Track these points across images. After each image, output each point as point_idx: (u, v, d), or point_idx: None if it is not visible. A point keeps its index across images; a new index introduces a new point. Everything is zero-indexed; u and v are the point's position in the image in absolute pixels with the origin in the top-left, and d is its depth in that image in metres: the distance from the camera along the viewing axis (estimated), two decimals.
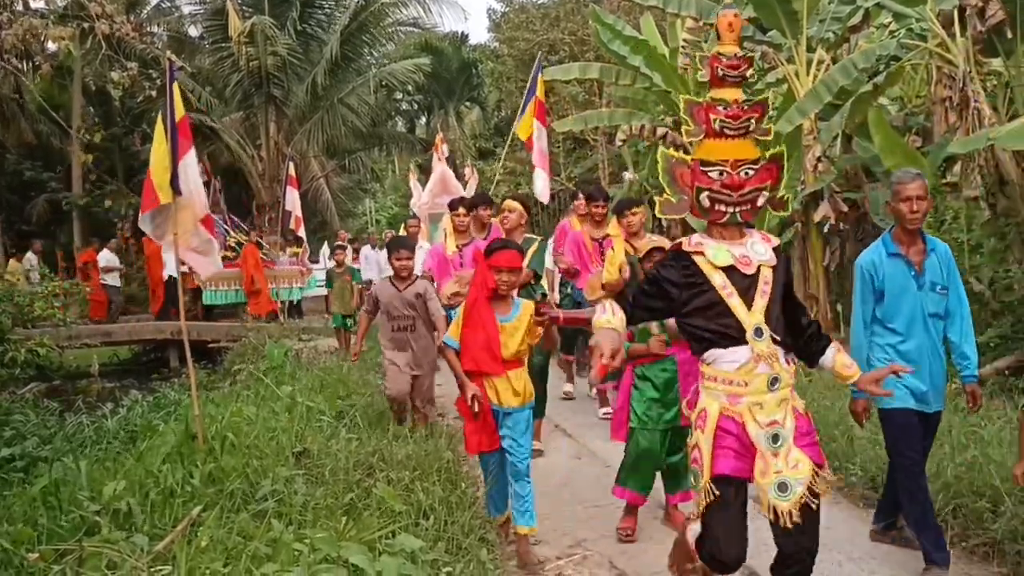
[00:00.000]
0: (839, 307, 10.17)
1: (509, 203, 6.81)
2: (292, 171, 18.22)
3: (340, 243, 15.80)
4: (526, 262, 5.57)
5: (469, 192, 14.42)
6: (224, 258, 17.77)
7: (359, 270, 14.53)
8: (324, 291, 15.78)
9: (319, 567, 2.97)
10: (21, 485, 6.15)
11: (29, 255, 20.25)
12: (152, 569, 3.17)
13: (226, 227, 19.40)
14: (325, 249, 19.75)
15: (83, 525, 4.02)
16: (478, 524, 4.57)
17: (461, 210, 7.39)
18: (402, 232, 13.96)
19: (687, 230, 10.50)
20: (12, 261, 19.92)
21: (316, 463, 5.09)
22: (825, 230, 9.85)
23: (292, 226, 18.16)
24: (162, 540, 3.60)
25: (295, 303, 18.53)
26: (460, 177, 16.59)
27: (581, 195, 8.49)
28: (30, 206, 24.54)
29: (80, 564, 3.33)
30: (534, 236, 6.82)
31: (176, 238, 5.66)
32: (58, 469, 5.46)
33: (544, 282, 6.86)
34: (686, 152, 3.39)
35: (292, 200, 17.85)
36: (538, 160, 10.08)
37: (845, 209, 9.85)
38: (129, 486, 4.48)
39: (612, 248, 6.56)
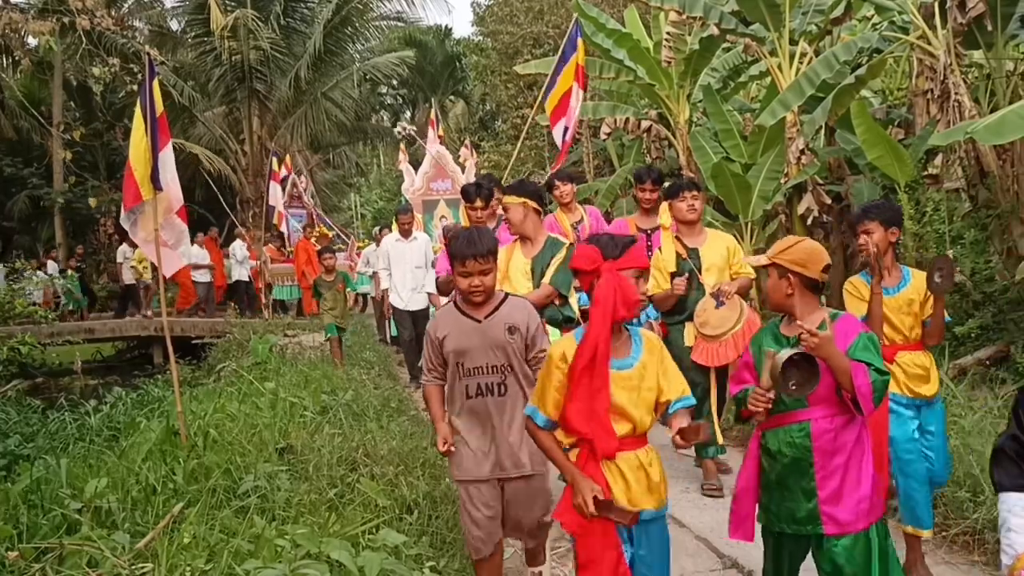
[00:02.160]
0: (823, 299, 10.20)
1: (507, 199, 5.17)
2: (275, 165, 18.16)
3: (328, 247, 13.71)
4: (549, 275, 4.76)
5: (468, 177, 13.56)
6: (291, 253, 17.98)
7: (346, 274, 12.91)
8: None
9: (301, 563, 2.96)
10: (2, 483, 6.12)
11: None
12: (133, 566, 3.15)
13: (312, 220, 19.49)
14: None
15: (64, 523, 4.00)
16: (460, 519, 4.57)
17: (478, 202, 5.72)
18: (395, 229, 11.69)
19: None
20: None
21: (299, 459, 5.07)
22: (809, 222, 9.87)
23: (275, 221, 18.10)
24: (144, 537, 3.58)
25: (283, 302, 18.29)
26: (457, 160, 15.37)
27: (558, 182, 6.90)
28: (11, 203, 24.36)
29: (60, 562, 3.31)
30: (559, 238, 5.20)
31: (157, 234, 5.62)
32: (40, 467, 5.43)
33: (572, 301, 5.04)
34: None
35: (275, 195, 17.79)
36: (569, 135, 8.66)
37: (828, 201, 9.88)
38: (111, 483, 4.46)
39: (660, 248, 5.54)
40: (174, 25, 24.89)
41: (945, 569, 4.15)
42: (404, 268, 9.89)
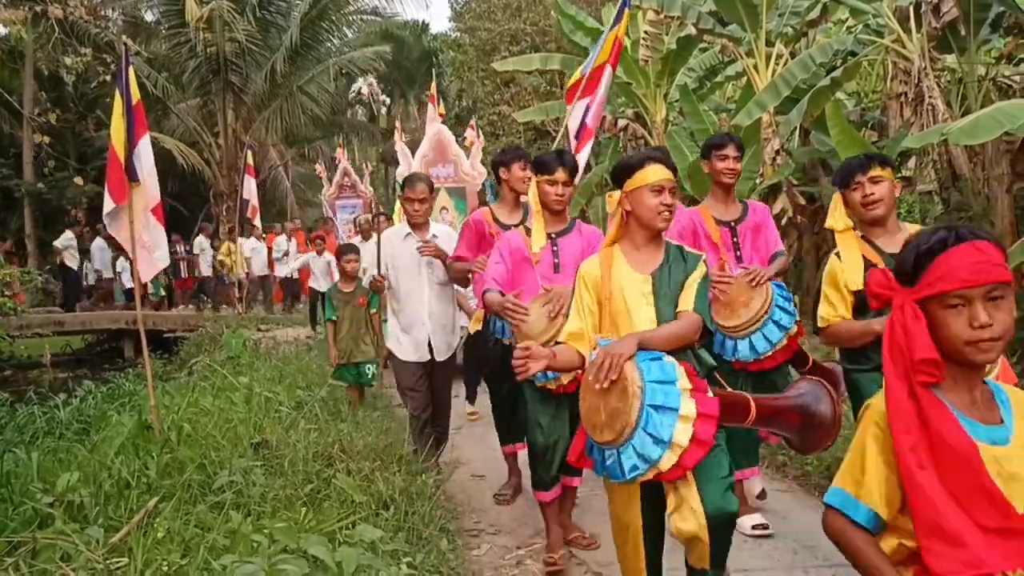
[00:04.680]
0: (796, 298, 10.30)
1: (559, 173, 4.30)
2: (250, 159, 18.03)
3: (350, 245, 8.92)
4: (691, 301, 3.14)
5: (475, 163, 12.39)
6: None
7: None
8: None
9: (278, 558, 2.95)
10: None
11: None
12: (108, 561, 3.12)
13: (369, 209, 18.64)
14: (283, 242, 18.70)
15: (36, 517, 3.95)
16: (439, 514, 4.58)
17: (560, 173, 4.33)
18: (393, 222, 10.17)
19: None
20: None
21: (275, 454, 5.04)
22: (783, 223, 9.97)
23: (249, 215, 17.96)
24: (118, 532, 3.55)
25: None
26: (461, 142, 13.35)
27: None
28: None
29: (34, 556, 3.27)
30: (685, 247, 3.37)
31: (132, 227, 5.54)
32: (9, 460, 5.35)
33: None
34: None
35: (249, 189, 17.66)
36: (593, 120, 6.76)
37: (803, 202, 9.99)
38: (83, 478, 4.40)
39: (838, 255, 3.62)
40: (148, 16, 24.66)
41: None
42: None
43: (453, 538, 4.47)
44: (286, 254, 17.67)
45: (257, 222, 18.15)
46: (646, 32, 12.10)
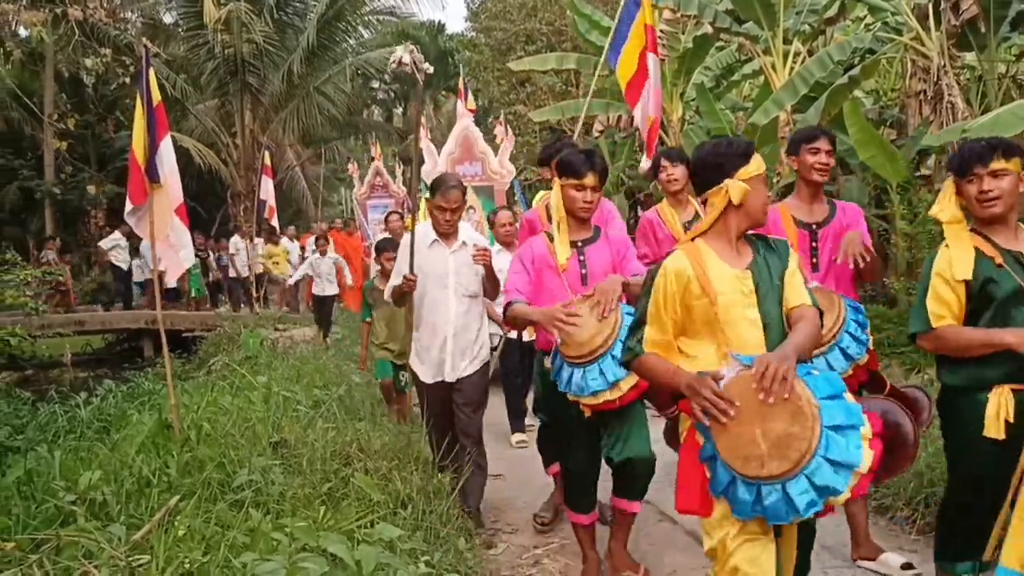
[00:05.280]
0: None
1: (589, 178, 3.91)
2: (267, 160, 18.11)
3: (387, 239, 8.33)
4: (802, 294, 2.82)
5: (503, 160, 11.93)
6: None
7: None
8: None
9: (298, 556, 2.97)
10: None
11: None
12: (130, 558, 3.15)
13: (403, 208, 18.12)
14: (291, 246, 18.59)
15: (59, 515, 3.99)
16: (456, 514, 4.59)
17: (589, 178, 3.91)
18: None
19: None
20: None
21: (293, 453, 5.07)
22: None
23: (266, 215, 18.03)
24: (139, 530, 3.58)
25: None
26: (491, 139, 12.94)
27: (666, 163, 5.31)
28: (1, 193, 24.24)
29: (57, 553, 3.31)
30: (772, 238, 3.01)
31: (152, 228, 5.59)
32: (32, 459, 5.41)
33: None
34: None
35: (267, 189, 17.73)
36: (653, 107, 6.35)
37: None
38: (104, 476, 4.44)
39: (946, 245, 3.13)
40: (167, 18, 24.82)
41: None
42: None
43: (471, 537, 4.49)
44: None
45: (275, 222, 18.22)
46: (662, 31, 12.06)
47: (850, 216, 4.14)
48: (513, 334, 6.61)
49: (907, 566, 4.04)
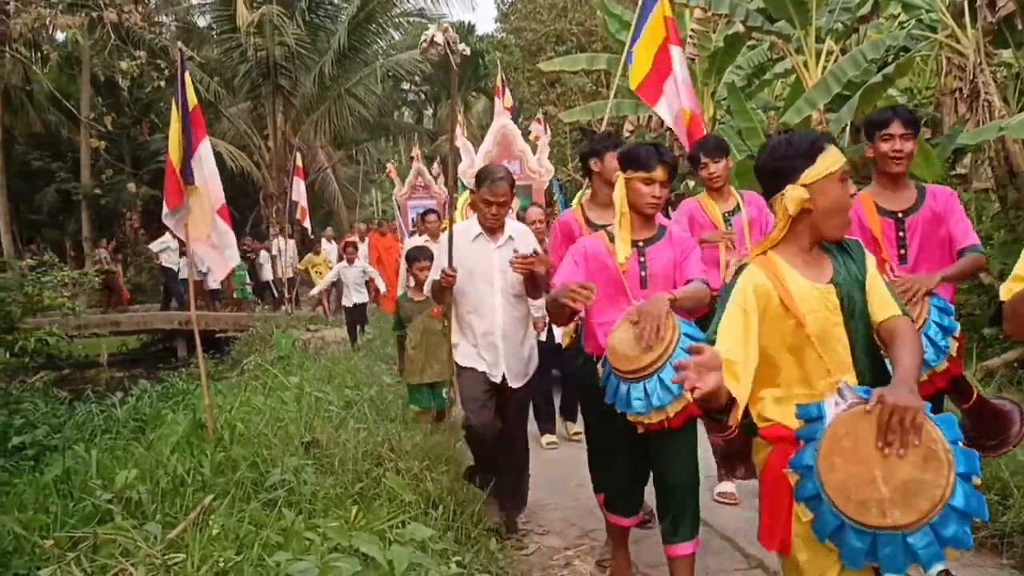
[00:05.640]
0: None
1: (658, 171, 3.62)
2: (299, 161, 18.25)
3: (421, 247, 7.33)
4: (894, 303, 2.54)
5: (541, 159, 11.69)
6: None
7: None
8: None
9: (331, 556, 2.99)
10: (32, 473, 6.21)
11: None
12: (166, 556, 3.19)
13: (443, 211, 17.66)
14: (330, 248, 18.45)
15: (96, 513, 4.05)
16: (486, 515, 4.60)
17: (659, 171, 3.61)
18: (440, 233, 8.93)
19: None
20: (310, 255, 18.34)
21: (325, 453, 5.10)
22: None
23: (298, 216, 18.17)
24: (174, 528, 3.62)
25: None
26: (527, 137, 12.50)
27: (705, 158, 5.02)
28: (39, 196, 24.64)
29: (95, 551, 3.36)
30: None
31: (187, 229, 5.66)
32: (69, 457, 5.50)
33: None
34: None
35: (298, 190, 17.86)
36: (687, 100, 5.89)
37: None
38: (140, 475, 4.50)
39: None
40: (200, 22, 25.11)
41: (974, 572, 4.13)
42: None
43: (502, 538, 4.50)
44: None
45: (307, 223, 18.34)
46: (693, 30, 12.02)
47: (941, 202, 3.76)
48: (543, 335, 6.50)
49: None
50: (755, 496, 2.69)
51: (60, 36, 21.96)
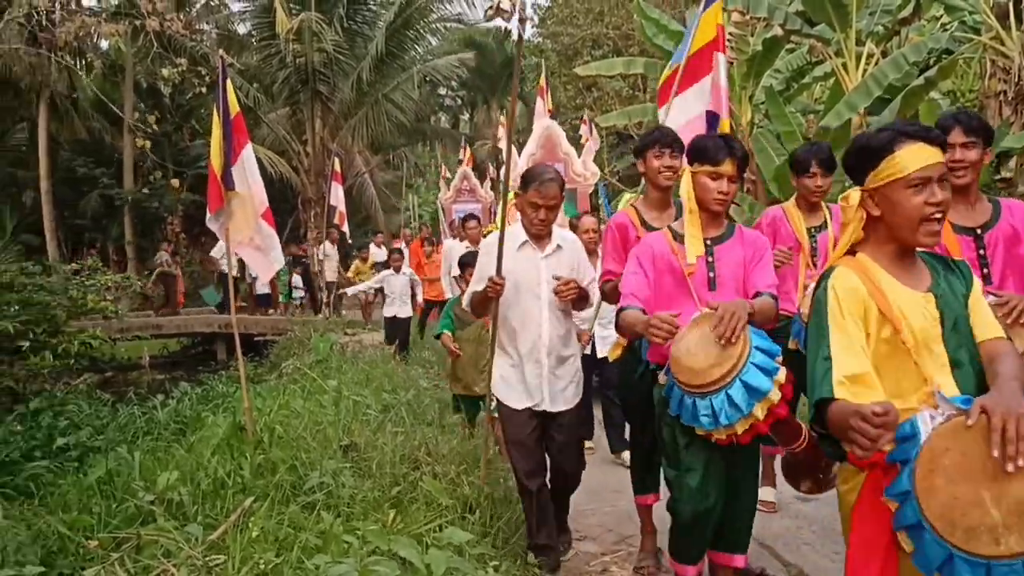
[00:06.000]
0: None
1: (726, 165, 3.40)
2: (337, 166, 18.38)
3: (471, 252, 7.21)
4: (995, 323, 2.42)
5: (587, 162, 11.31)
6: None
7: None
8: None
9: (370, 559, 3.01)
10: (76, 474, 6.32)
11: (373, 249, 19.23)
12: (207, 558, 3.24)
13: (490, 216, 16.89)
14: (380, 253, 18.36)
15: (138, 514, 4.11)
16: (524, 519, 4.60)
17: (727, 165, 3.38)
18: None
19: None
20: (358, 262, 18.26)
21: (363, 456, 5.14)
22: None
23: (336, 221, 18.27)
24: (215, 530, 3.67)
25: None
26: (575, 139, 11.32)
27: (817, 167, 4.56)
28: (83, 201, 25.08)
29: (137, 552, 3.41)
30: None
31: (228, 233, 5.74)
32: (112, 459, 5.59)
33: None
34: None
35: (336, 195, 17.96)
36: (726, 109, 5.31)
37: None
38: (181, 476, 4.57)
39: None
40: (241, 29, 25.42)
41: None
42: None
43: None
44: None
45: (345, 228, 18.45)
46: (731, 34, 11.94)
47: (1018, 216, 3.43)
48: (587, 349, 6.14)
49: None
50: (791, 503, 2.66)
51: (104, 44, 22.39)
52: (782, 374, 3.02)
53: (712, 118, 5.39)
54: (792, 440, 3.08)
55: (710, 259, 3.42)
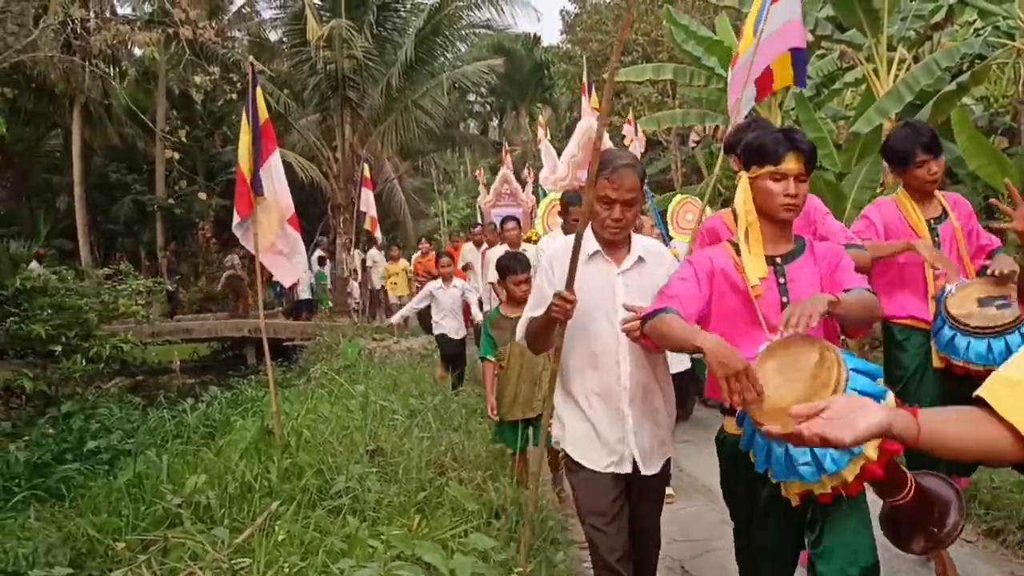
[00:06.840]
0: None
1: (790, 162, 2.72)
2: (367, 172, 18.45)
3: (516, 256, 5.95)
4: None
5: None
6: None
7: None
8: None
9: (394, 564, 3.02)
10: (106, 477, 6.39)
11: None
12: (233, 561, 3.25)
13: (530, 220, 15.46)
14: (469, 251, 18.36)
15: (166, 517, 4.15)
16: (550, 526, 4.58)
17: (791, 162, 2.71)
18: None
19: None
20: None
21: (389, 461, 5.15)
22: None
23: (367, 227, 18.32)
24: (241, 533, 3.69)
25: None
26: (619, 140, 10.60)
27: (922, 153, 3.89)
28: (116, 207, 25.41)
29: (164, 554, 3.44)
30: None
31: (256, 238, 5.78)
32: (141, 462, 5.64)
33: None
34: None
35: (367, 201, 17.99)
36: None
37: None
38: (209, 480, 4.60)
39: None
40: (272, 36, 25.64)
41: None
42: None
43: (565, 549, 4.47)
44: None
45: (377, 234, 18.51)
46: None
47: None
48: None
49: None
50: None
51: (137, 52, 22.69)
52: (891, 397, 2.39)
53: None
54: (895, 490, 2.49)
55: (781, 280, 2.77)
